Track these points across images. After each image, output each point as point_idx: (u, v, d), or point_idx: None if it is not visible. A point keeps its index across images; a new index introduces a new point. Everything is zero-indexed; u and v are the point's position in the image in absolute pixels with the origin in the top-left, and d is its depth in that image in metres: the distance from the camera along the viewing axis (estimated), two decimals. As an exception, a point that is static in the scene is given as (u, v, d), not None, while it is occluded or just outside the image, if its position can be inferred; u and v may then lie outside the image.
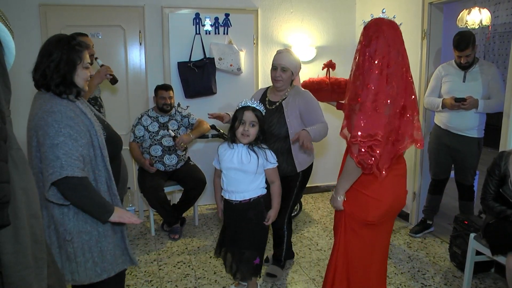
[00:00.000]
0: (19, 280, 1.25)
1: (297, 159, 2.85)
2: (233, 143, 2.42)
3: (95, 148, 1.86)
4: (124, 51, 4.20)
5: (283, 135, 2.81)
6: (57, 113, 1.75)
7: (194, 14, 4.26)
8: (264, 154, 2.41)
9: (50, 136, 1.71)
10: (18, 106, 3.60)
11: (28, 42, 3.76)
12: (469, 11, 3.99)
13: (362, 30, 2.03)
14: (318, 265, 3.28)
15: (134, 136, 3.78)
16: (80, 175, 1.73)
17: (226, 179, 2.45)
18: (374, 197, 2.00)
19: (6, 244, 1.23)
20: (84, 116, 1.86)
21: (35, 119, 1.77)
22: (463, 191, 3.60)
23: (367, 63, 1.91)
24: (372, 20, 2.03)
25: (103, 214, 1.81)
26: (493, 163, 2.60)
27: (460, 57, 3.37)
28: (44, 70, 1.81)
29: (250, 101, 2.41)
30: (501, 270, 2.95)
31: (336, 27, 4.75)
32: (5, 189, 1.16)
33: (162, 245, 3.67)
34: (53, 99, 1.80)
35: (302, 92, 2.88)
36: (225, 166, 2.43)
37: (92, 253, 1.87)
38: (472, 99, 3.29)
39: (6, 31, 1.27)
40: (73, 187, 1.73)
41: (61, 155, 1.70)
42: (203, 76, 4.26)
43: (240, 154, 2.38)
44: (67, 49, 1.83)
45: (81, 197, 1.76)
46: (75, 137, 1.75)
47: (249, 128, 2.35)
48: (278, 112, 2.83)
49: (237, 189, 2.42)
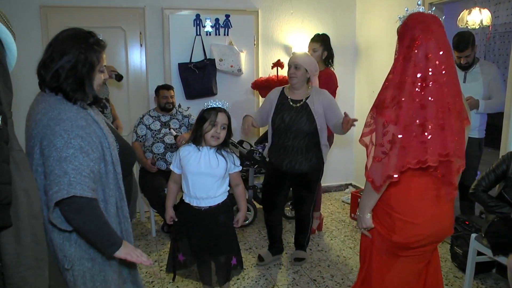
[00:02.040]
0: (21, 280, 1.26)
1: (324, 152, 3.09)
2: (199, 145, 2.24)
3: (107, 164, 1.60)
4: (124, 53, 4.20)
5: (312, 131, 2.98)
6: (67, 121, 1.48)
7: (194, 15, 4.26)
8: (232, 157, 2.28)
9: (58, 148, 1.44)
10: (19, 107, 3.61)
11: (29, 44, 3.77)
12: (470, 11, 3.99)
13: (400, 28, 1.73)
14: (319, 265, 3.28)
15: (137, 135, 3.80)
16: (90, 196, 1.46)
17: (192, 184, 2.23)
18: (401, 217, 1.72)
19: (7, 245, 1.23)
20: (97, 126, 1.60)
21: (39, 127, 1.49)
22: (464, 192, 3.59)
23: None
24: (412, 15, 1.71)
25: (109, 246, 1.52)
26: (502, 160, 2.60)
27: (460, 58, 3.37)
28: (57, 70, 1.52)
29: (219, 102, 2.24)
30: (503, 271, 2.95)
31: (337, 27, 4.75)
32: (6, 190, 1.16)
33: (163, 246, 3.67)
34: (61, 104, 1.52)
35: (322, 91, 3.09)
36: (191, 170, 2.21)
37: (95, 283, 1.62)
38: (473, 99, 3.29)
39: (8, 33, 1.27)
40: (79, 209, 1.45)
41: (69, 170, 1.43)
42: (203, 77, 4.26)
43: (207, 157, 2.21)
44: (85, 48, 1.55)
45: (87, 222, 1.48)
46: (86, 150, 1.49)
47: (221, 130, 2.19)
48: (305, 110, 2.98)
49: (206, 195, 2.23)
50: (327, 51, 3.71)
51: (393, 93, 1.60)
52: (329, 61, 3.75)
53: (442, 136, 1.57)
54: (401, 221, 1.72)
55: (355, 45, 4.90)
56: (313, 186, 3.16)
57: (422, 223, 1.71)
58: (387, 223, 1.77)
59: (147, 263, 1.57)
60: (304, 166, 3.02)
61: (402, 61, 1.61)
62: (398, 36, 1.71)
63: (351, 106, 5.03)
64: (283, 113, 3.00)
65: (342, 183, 5.20)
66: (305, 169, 3.03)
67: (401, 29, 1.71)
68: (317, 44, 3.68)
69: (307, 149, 3.00)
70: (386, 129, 1.60)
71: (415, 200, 1.71)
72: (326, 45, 3.70)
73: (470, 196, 2.70)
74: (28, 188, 1.30)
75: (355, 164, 5.16)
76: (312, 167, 3.06)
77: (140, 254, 1.57)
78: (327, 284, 3.01)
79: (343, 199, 4.80)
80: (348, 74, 4.91)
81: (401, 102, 1.56)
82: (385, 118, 1.59)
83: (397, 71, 1.62)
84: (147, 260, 1.57)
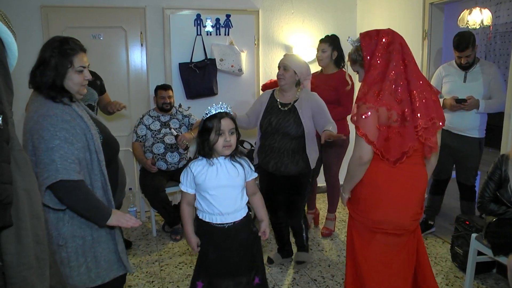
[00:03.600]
0: (22, 280, 1.26)
1: (310, 157, 2.99)
2: (210, 158, 2.02)
3: (91, 152, 1.83)
4: (125, 52, 4.21)
5: (299, 135, 2.92)
6: (53, 117, 1.73)
7: (195, 15, 4.27)
8: (247, 162, 2.11)
9: (46, 140, 1.69)
10: (20, 107, 3.61)
11: (29, 44, 3.75)
12: (470, 11, 3.99)
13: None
14: (320, 265, 3.28)
15: (137, 135, 3.80)
16: (75, 178, 1.71)
17: (214, 201, 2.00)
18: (371, 198, 2.04)
19: (8, 245, 1.23)
20: (81, 119, 1.83)
21: (30, 123, 1.75)
22: (464, 192, 3.59)
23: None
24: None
25: (101, 217, 1.77)
26: (494, 167, 2.60)
27: (460, 58, 3.37)
28: (35, 72, 1.80)
29: (217, 107, 2.03)
30: (503, 271, 2.95)
31: (337, 27, 4.74)
32: (7, 190, 1.16)
33: (164, 246, 3.68)
34: (48, 102, 1.78)
35: (312, 94, 3.03)
36: (211, 185, 1.99)
37: (86, 258, 1.85)
38: (473, 99, 3.29)
39: (9, 33, 1.27)
40: (69, 190, 1.70)
41: (56, 159, 1.68)
42: (204, 77, 4.26)
43: (224, 168, 2.02)
44: (58, 53, 1.79)
45: (78, 200, 1.73)
46: (71, 140, 1.73)
47: (230, 137, 1.99)
48: (292, 113, 2.93)
49: (232, 209, 2.04)
50: (336, 51, 3.65)
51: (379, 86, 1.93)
52: (341, 63, 3.69)
53: (425, 105, 1.92)
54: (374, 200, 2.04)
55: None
56: (302, 190, 3.07)
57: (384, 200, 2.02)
58: (363, 202, 2.07)
59: (136, 224, 1.81)
60: (291, 168, 2.95)
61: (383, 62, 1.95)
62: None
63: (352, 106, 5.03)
64: (271, 116, 2.97)
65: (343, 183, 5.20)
66: (292, 171, 2.96)
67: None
68: (326, 45, 3.64)
69: (293, 152, 2.93)
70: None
71: (384, 183, 2.00)
72: (335, 46, 3.64)
73: (478, 209, 2.70)
74: (29, 187, 1.30)
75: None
76: (300, 170, 2.98)
77: (130, 218, 1.81)
78: (327, 284, 3.01)
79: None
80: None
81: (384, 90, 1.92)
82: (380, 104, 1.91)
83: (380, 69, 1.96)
84: (136, 221, 1.81)
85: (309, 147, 2.97)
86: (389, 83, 1.91)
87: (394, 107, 1.90)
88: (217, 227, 2.04)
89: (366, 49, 1.98)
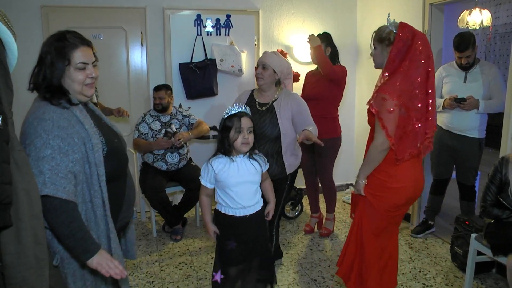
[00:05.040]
0: (21, 280, 1.26)
1: (287, 162, 2.84)
2: (230, 155, 2.15)
3: (91, 165, 1.59)
4: (125, 53, 4.21)
5: (274, 136, 2.79)
6: (48, 121, 1.51)
7: (195, 16, 4.27)
8: (262, 159, 2.26)
9: (37, 148, 1.48)
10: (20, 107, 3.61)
11: (30, 44, 3.76)
12: (470, 12, 3.98)
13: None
14: (320, 265, 3.28)
15: (139, 133, 3.79)
16: (64, 197, 1.47)
17: (237, 196, 2.14)
18: (395, 186, 2.19)
19: (8, 245, 1.23)
20: (81, 126, 1.60)
21: (26, 124, 1.55)
22: (464, 192, 3.59)
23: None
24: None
25: (82, 253, 1.51)
26: (495, 170, 2.59)
27: (460, 58, 3.38)
28: (33, 75, 1.61)
29: (238, 107, 2.16)
30: (502, 271, 2.94)
31: (337, 27, 4.75)
32: (7, 190, 1.16)
33: (164, 246, 3.68)
34: (47, 104, 1.57)
35: (292, 95, 2.91)
36: (232, 182, 2.13)
37: (85, 281, 1.64)
38: (473, 99, 3.29)
39: (9, 33, 1.28)
40: (52, 209, 1.46)
41: (45, 171, 1.45)
42: (204, 77, 4.27)
43: (244, 165, 2.15)
44: (53, 49, 1.58)
45: (60, 223, 1.48)
46: (65, 150, 1.51)
47: (248, 135, 2.12)
48: (270, 113, 2.81)
49: (253, 202, 2.19)
50: (330, 47, 3.64)
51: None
52: (336, 59, 3.68)
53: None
54: (397, 185, 2.18)
55: (356, 45, 4.90)
56: (278, 197, 2.71)
57: (409, 186, 2.21)
58: (385, 188, 2.20)
59: (117, 277, 1.53)
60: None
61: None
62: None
63: (352, 106, 5.03)
64: None
65: (343, 183, 5.20)
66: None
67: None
68: None
69: (267, 155, 2.68)
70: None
71: (404, 167, 2.18)
72: (328, 42, 3.63)
73: (482, 214, 2.69)
74: (29, 188, 1.31)
75: (356, 164, 5.16)
76: (274, 175, 2.73)
77: (115, 266, 1.53)
78: (327, 284, 3.01)
79: (343, 199, 4.81)
80: (349, 74, 4.83)
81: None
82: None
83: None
84: (120, 271, 1.53)
85: (287, 151, 2.82)
86: (412, 88, 2.08)
87: (413, 110, 2.09)
88: (240, 217, 2.18)
89: (398, 43, 2.10)
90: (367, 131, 2.37)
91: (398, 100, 2.05)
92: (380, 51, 2.21)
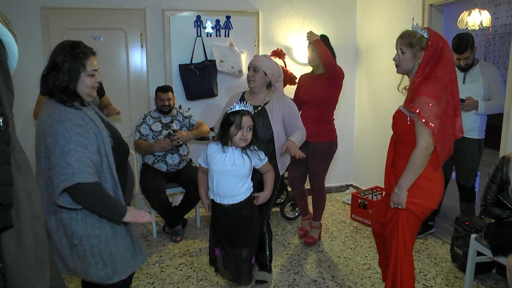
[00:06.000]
0: (22, 282, 1.26)
1: (279, 162, 2.88)
2: (225, 145, 2.33)
3: (102, 155, 1.86)
4: (125, 54, 4.21)
5: (267, 139, 2.81)
6: (66, 121, 1.76)
7: (195, 17, 4.27)
8: (256, 155, 2.38)
9: (61, 144, 1.72)
10: (20, 109, 3.63)
11: (30, 45, 3.78)
12: (469, 13, 4.00)
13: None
14: (320, 266, 3.29)
15: (140, 134, 3.79)
16: (91, 181, 1.75)
17: (216, 182, 2.35)
18: (432, 189, 2.21)
19: (9, 246, 1.23)
20: (93, 123, 1.86)
21: (44, 126, 1.78)
22: (464, 193, 3.60)
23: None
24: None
25: (117, 216, 1.83)
26: (495, 169, 2.60)
27: (459, 60, 3.38)
28: (46, 77, 1.82)
29: (242, 105, 2.32)
30: (502, 271, 2.95)
31: (337, 28, 4.76)
32: (8, 192, 1.16)
33: (164, 247, 3.68)
34: (62, 107, 1.81)
35: (284, 97, 2.94)
36: (216, 168, 2.33)
37: (102, 256, 1.87)
38: (471, 100, 3.29)
39: (9, 35, 1.28)
40: (85, 192, 1.74)
41: (72, 162, 1.71)
42: (204, 78, 4.27)
43: (232, 157, 2.31)
44: (70, 58, 1.81)
45: (94, 201, 1.78)
46: (85, 144, 1.77)
47: (247, 132, 2.28)
48: (262, 116, 2.82)
49: (229, 193, 2.34)
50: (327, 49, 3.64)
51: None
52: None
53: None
54: (436, 188, 2.23)
55: (355, 46, 4.91)
56: (269, 198, 2.68)
57: (441, 190, 2.27)
58: (424, 193, 2.18)
59: (151, 220, 1.92)
60: (257, 174, 2.60)
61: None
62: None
63: (352, 107, 5.04)
64: None
65: (343, 184, 5.21)
66: (259, 176, 2.62)
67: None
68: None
69: None
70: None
71: (440, 170, 2.27)
72: (325, 44, 3.59)
73: (482, 213, 2.68)
74: (30, 189, 1.31)
75: (356, 165, 5.17)
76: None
77: (144, 214, 1.89)
78: (327, 285, 3.01)
79: (343, 200, 4.81)
80: (349, 75, 4.89)
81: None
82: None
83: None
84: (150, 217, 1.91)
85: (278, 152, 2.85)
86: (447, 94, 2.14)
87: (449, 116, 2.17)
88: (219, 204, 2.38)
89: (431, 49, 2.11)
90: (366, 132, 2.39)
91: (438, 103, 2.07)
92: (410, 56, 2.16)
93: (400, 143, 2.27)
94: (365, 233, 3.92)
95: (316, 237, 3.75)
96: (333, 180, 5.06)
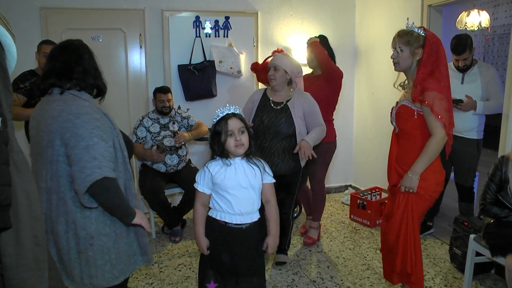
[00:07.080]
0: (21, 282, 1.26)
1: (301, 156, 3.00)
2: (226, 158, 2.02)
3: (117, 150, 1.87)
4: (124, 54, 4.21)
5: (290, 134, 2.97)
6: (85, 115, 1.75)
7: (194, 17, 4.27)
8: (262, 165, 2.07)
9: (84, 138, 1.70)
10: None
11: (29, 46, 3.77)
12: (468, 13, 4.01)
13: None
14: (319, 267, 3.29)
15: (137, 137, 3.79)
16: (113, 176, 1.74)
17: (234, 200, 1.99)
18: (438, 168, 2.34)
19: (7, 247, 1.23)
20: (106, 118, 1.87)
21: (59, 121, 1.74)
22: (463, 193, 3.60)
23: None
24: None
25: (128, 216, 1.84)
26: (495, 168, 2.61)
27: (458, 60, 3.38)
28: (70, 76, 1.85)
29: (225, 109, 2.03)
30: (501, 271, 2.94)
31: (336, 29, 4.76)
32: (6, 192, 1.16)
33: (163, 247, 3.68)
34: (75, 100, 1.80)
35: (305, 94, 3.08)
36: (230, 185, 1.98)
37: (110, 255, 1.88)
38: (470, 100, 3.30)
39: (8, 35, 1.28)
40: (107, 188, 1.72)
41: (97, 156, 1.69)
42: (203, 78, 4.27)
43: (242, 169, 2.01)
44: (93, 57, 1.95)
45: (113, 198, 1.76)
46: (105, 138, 1.77)
47: (240, 136, 1.98)
48: (284, 112, 2.98)
49: (250, 209, 2.02)
50: (326, 50, 3.58)
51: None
52: (333, 61, 3.64)
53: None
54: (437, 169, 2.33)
55: (354, 46, 4.91)
56: (292, 189, 3.14)
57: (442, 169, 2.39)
58: (434, 176, 2.30)
59: (149, 230, 1.98)
60: (281, 167, 2.98)
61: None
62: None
63: (351, 108, 5.04)
64: (263, 115, 3.00)
65: (342, 185, 5.21)
66: (282, 171, 2.97)
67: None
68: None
69: (283, 151, 2.99)
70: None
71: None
72: (324, 44, 3.59)
73: (481, 213, 2.69)
74: (28, 189, 1.31)
75: (355, 166, 5.17)
76: (290, 169, 3.04)
77: (146, 222, 1.93)
78: (326, 285, 3.01)
79: (342, 201, 4.81)
80: (348, 75, 4.90)
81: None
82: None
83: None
84: (149, 229, 1.99)
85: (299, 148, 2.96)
86: (448, 91, 2.25)
87: (450, 111, 2.26)
88: (235, 228, 2.02)
89: (428, 46, 2.20)
90: (366, 132, 2.41)
91: (446, 97, 2.20)
92: (409, 54, 2.25)
93: (403, 138, 2.35)
94: (364, 233, 3.92)
95: (315, 237, 3.75)
96: (332, 180, 5.06)
